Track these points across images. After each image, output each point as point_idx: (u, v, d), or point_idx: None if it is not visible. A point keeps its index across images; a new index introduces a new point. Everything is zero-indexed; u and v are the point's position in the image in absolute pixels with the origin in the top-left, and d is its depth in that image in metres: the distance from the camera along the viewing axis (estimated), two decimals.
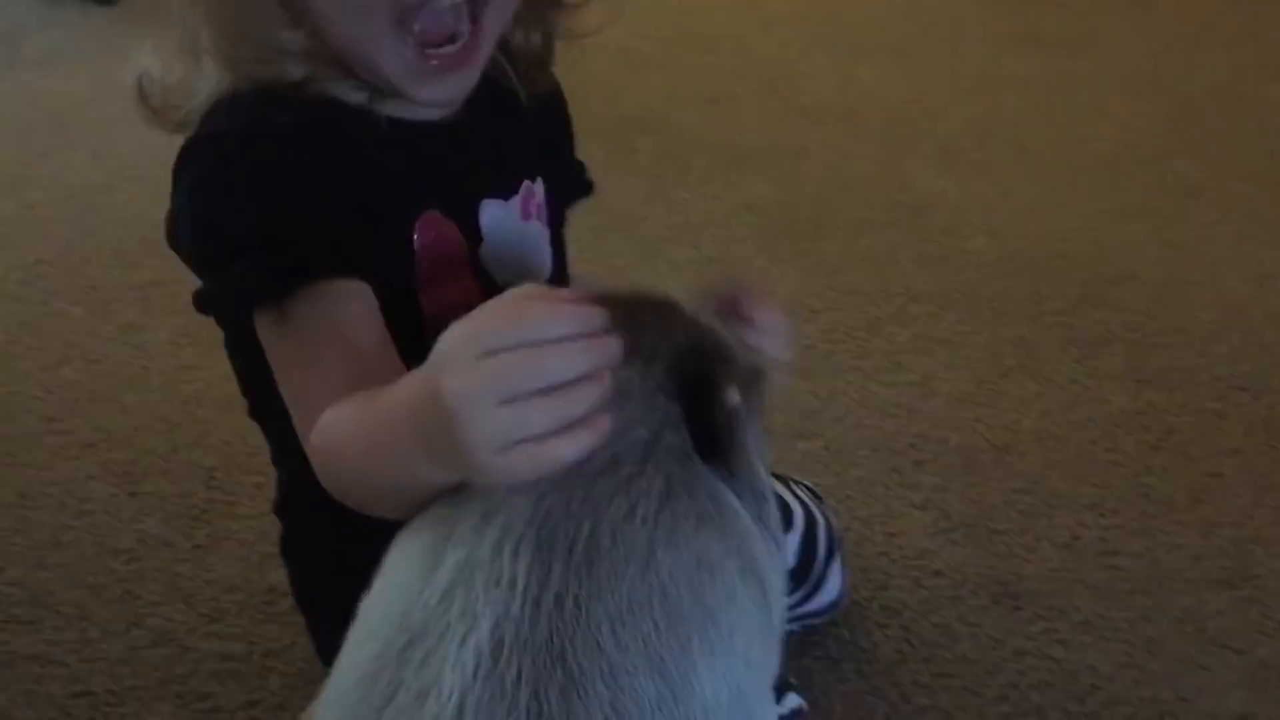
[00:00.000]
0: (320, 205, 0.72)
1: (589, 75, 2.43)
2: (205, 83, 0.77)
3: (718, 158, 1.86)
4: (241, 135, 0.74)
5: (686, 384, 0.62)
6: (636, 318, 0.63)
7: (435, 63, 0.74)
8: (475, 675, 0.53)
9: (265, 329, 0.73)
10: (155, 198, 0.76)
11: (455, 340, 0.56)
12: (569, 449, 0.54)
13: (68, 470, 1.22)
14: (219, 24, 0.74)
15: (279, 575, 1.01)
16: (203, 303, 0.74)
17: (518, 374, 0.53)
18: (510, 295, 0.56)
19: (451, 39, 0.74)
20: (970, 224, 1.66)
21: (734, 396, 0.60)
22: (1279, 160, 1.82)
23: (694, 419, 0.61)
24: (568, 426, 0.54)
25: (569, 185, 0.94)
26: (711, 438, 0.61)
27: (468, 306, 0.77)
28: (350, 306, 0.71)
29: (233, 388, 0.86)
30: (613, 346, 0.55)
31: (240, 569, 1.09)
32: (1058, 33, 2.32)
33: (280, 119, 0.74)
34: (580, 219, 1.72)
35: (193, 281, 0.75)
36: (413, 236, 0.77)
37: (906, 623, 1.04)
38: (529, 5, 0.82)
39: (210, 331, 0.82)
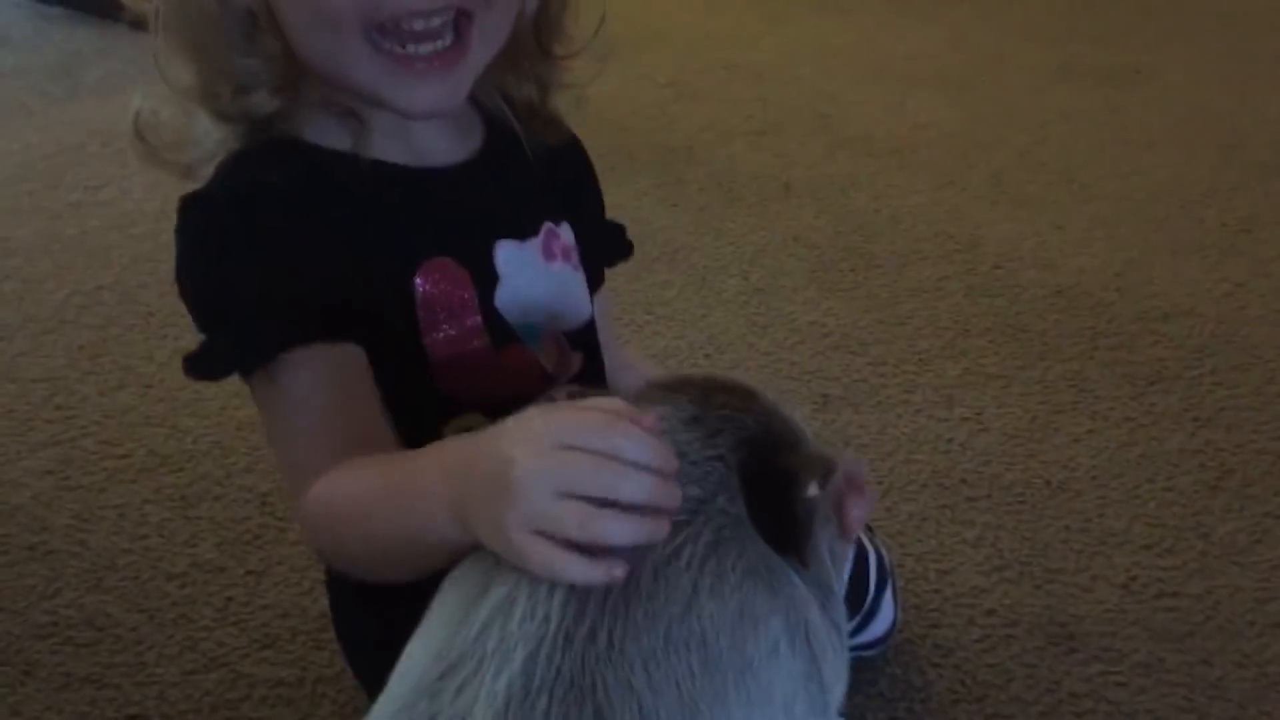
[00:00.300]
0: (308, 266, 0.73)
1: (638, 107, 2.46)
2: (202, 126, 0.77)
3: (766, 189, 1.86)
4: (231, 197, 0.74)
5: (761, 474, 0.62)
6: (709, 395, 0.65)
7: (418, 65, 0.73)
8: (506, 707, 0.54)
9: (254, 391, 0.74)
10: None
11: (536, 423, 0.58)
12: (576, 570, 0.55)
13: (124, 493, 1.23)
14: (189, 54, 0.75)
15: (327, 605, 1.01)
16: (189, 367, 0.74)
17: (586, 475, 0.55)
18: (601, 404, 0.58)
19: (431, 39, 0.73)
20: (1021, 257, 1.65)
21: (813, 490, 0.60)
22: None
23: (767, 509, 0.61)
24: (592, 548, 0.55)
25: (607, 246, 0.95)
26: (787, 530, 0.61)
27: (475, 352, 0.78)
28: (333, 371, 0.72)
29: None
30: (677, 495, 0.57)
31: (293, 594, 1.09)
32: (1107, 66, 2.30)
33: (273, 176, 0.74)
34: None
35: None
36: (414, 284, 0.77)
37: (960, 662, 1.02)
38: (519, 56, 0.83)
39: None
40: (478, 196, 0.81)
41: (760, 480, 0.62)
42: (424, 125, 0.80)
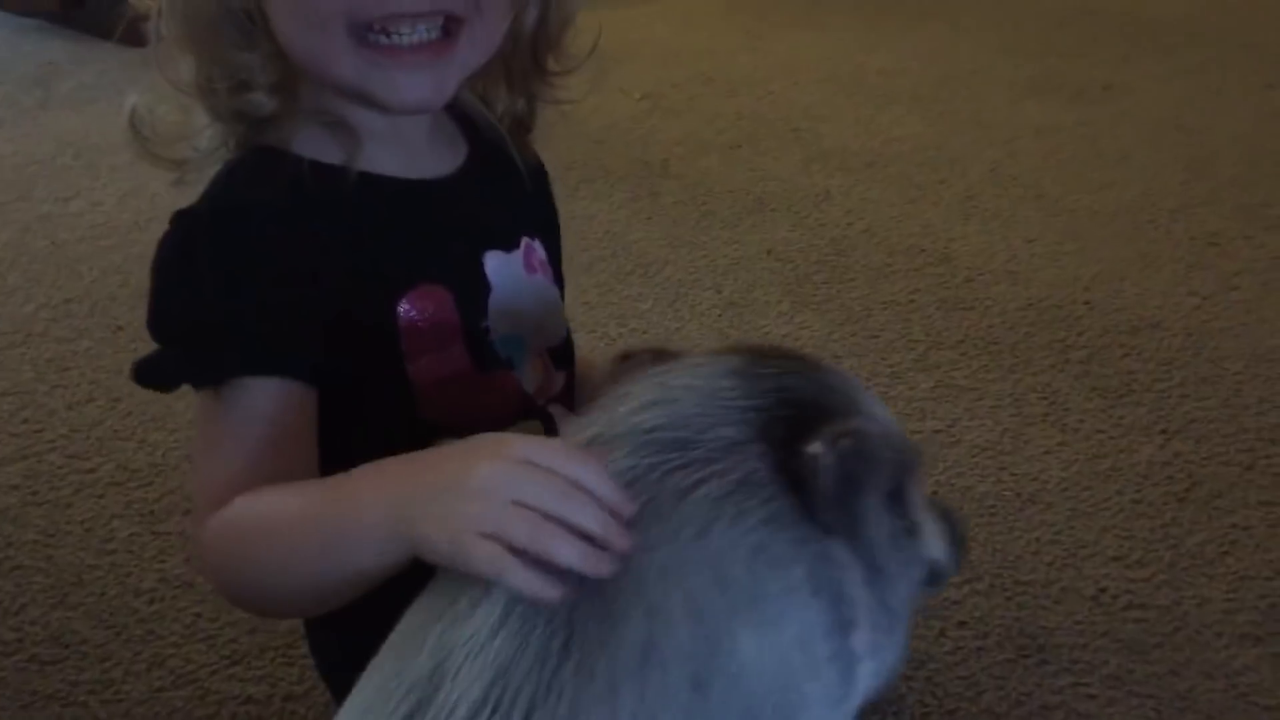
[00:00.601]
0: (292, 289, 0.72)
1: (613, 120, 2.47)
2: (198, 121, 0.78)
3: (740, 202, 1.87)
4: (217, 214, 0.74)
5: (796, 432, 0.62)
6: (763, 356, 0.66)
7: (403, 55, 0.73)
8: (512, 605, 0.57)
9: (199, 403, 0.74)
10: None
11: (504, 440, 0.61)
12: (518, 576, 0.57)
13: (91, 508, 1.22)
14: (187, 49, 0.75)
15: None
16: (139, 374, 0.75)
17: (544, 491, 0.58)
18: (569, 445, 0.62)
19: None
20: (993, 271, 1.66)
21: (817, 447, 0.60)
22: None
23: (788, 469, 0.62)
24: (537, 561, 0.57)
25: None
26: (797, 484, 0.61)
27: (459, 377, 0.79)
28: (281, 408, 0.72)
29: None
30: (627, 539, 0.57)
31: None
32: (1078, 81, 2.33)
33: (263, 193, 0.74)
34: (603, 263, 1.73)
35: None
36: (398, 310, 0.76)
37: (931, 674, 1.03)
38: (514, 71, 0.83)
39: None
40: (468, 206, 0.81)
41: (793, 437, 0.62)
42: (415, 133, 0.80)
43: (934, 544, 0.70)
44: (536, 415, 0.82)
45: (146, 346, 1.56)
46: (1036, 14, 2.72)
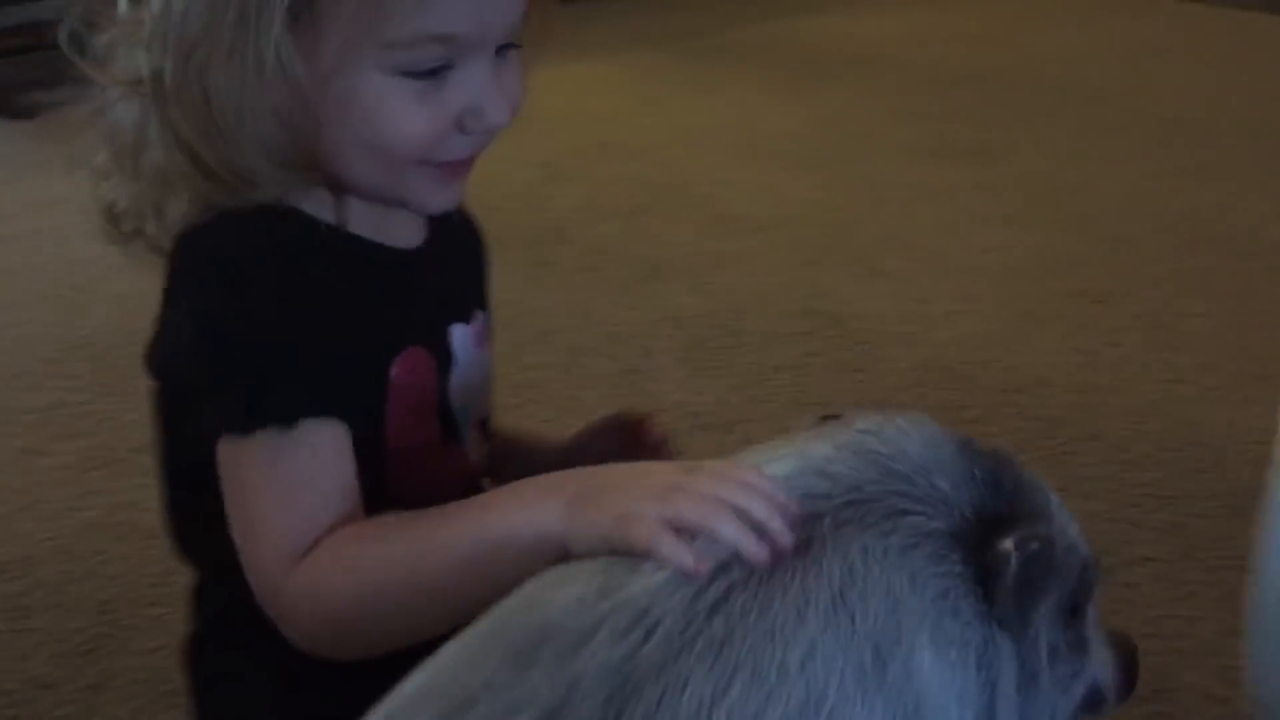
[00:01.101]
0: (317, 338, 0.73)
1: (509, 186, 2.46)
2: (178, 208, 0.76)
3: (636, 268, 1.87)
4: (248, 258, 0.73)
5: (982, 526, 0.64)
6: (972, 440, 0.68)
7: (442, 171, 0.76)
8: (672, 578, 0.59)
9: (241, 457, 0.71)
10: (63, 318, 0.73)
11: (678, 464, 0.67)
12: (669, 546, 0.59)
13: None
14: (195, 143, 0.73)
15: (171, 717, 0.96)
16: (224, 422, 0.72)
17: (707, 480, 0.62)
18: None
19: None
20: (885, 333, 1.68)
21: (1008, 545, 0.62)
22: (1184, 267, 1.87)
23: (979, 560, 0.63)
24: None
25: None
26: (982, 576, 0.62)
27: (429, 444, 0.79)
28: (343, 451, 0.72)
29: (133, 514, 0.83)
30: (789, 536, 0.59)
31: (129, 711, 1.04)
32: (968, 144, 2.38)
33: (287, 241, 0.74)
34: (500, 331, 1.70)
35: (88, 406, 0.73)
36: (390, 372, 0.76)
37: None
38: None
39: (112, 455, 0.79)
40: (437, 278, 0.82)
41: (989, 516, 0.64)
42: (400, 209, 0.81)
43: (1100, 666, 0.71)
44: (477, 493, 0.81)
45: (20, 432, 1.49)
46: (928, 79, 2.79)
